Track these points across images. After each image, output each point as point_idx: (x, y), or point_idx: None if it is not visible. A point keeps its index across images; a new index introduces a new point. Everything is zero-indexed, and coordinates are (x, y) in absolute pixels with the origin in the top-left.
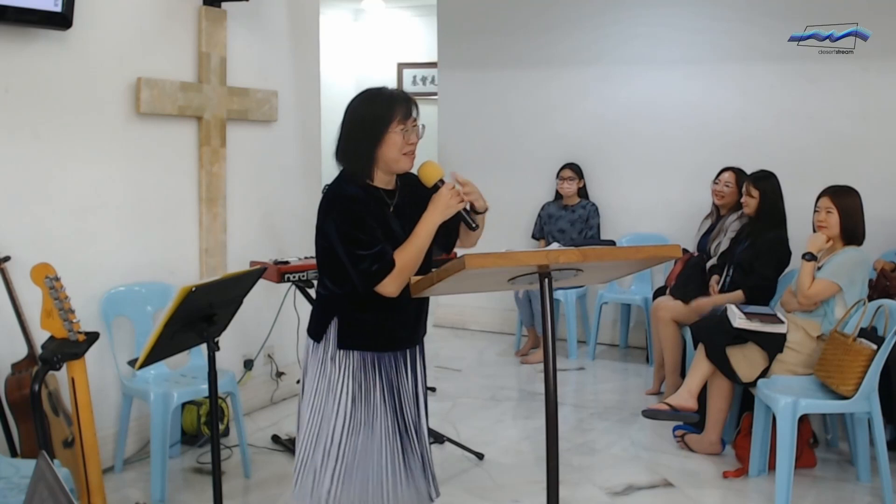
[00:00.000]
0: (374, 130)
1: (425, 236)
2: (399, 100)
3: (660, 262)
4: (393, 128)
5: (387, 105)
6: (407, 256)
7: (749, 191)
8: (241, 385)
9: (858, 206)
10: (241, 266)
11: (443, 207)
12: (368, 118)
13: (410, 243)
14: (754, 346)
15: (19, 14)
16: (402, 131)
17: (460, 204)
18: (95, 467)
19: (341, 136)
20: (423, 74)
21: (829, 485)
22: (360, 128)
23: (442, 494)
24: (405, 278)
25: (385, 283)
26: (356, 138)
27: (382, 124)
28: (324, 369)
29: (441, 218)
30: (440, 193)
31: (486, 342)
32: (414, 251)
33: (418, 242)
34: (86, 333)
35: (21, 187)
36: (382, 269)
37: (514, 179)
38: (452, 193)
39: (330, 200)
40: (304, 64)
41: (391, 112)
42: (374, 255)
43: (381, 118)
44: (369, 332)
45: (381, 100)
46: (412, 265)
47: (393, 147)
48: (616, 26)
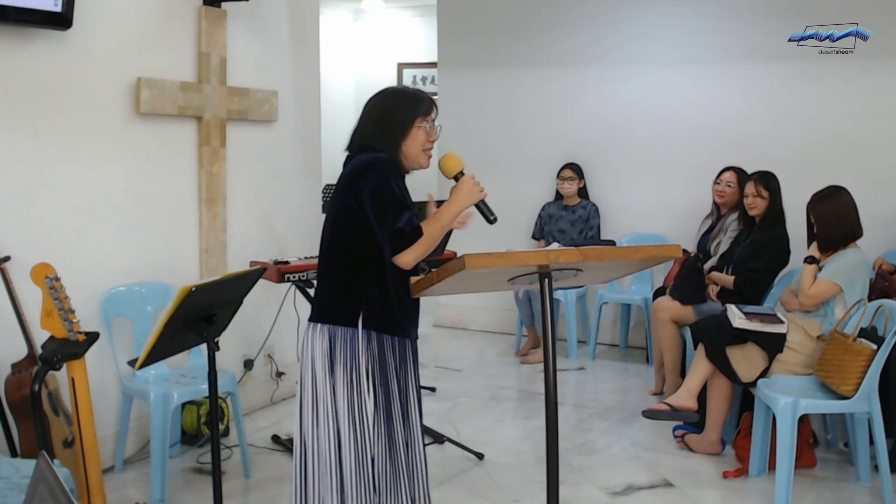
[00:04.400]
0: (401, 123)
1: (448, 219)
2: (423, 97)
3: (660, 262)
4: (418, 122)
5: (412, 100)
6: (433, 230)
7: (759, 191)
8: (241, 385)
9: (838, 209)
10: (241, 266)
11: (465, 195)
12: (396, 111)
13: (436, 219)
14: (754, 346)
15: (19, 14)
16: (426, 127)
17: (481, 194)
18: (95, 467)
19: (365, 128)
20: (423, 74)
21: (829, 485)
22: (387, 120)
23: (442, 494)
24: (425, 251)
25: (410, 250)
26: (383, 130)
27: (409, 118)
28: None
29: (462, 207)
30: (463, 182)
31: (486, 342)
32: (439, 227)
33: (444, 220)
34: (86, 333)
35: (21, 187)
36: (413, 233)
37: (514, 179)
38: (473, 184)
39: (369, 162)
40: (304, 64)
41: (417, 107)
42: (410, 217)
43: (408, 112)
44: (393, 314)
45: (407, 95)
46: (433, 241)
47: (416, 142)
48: (616, 26)
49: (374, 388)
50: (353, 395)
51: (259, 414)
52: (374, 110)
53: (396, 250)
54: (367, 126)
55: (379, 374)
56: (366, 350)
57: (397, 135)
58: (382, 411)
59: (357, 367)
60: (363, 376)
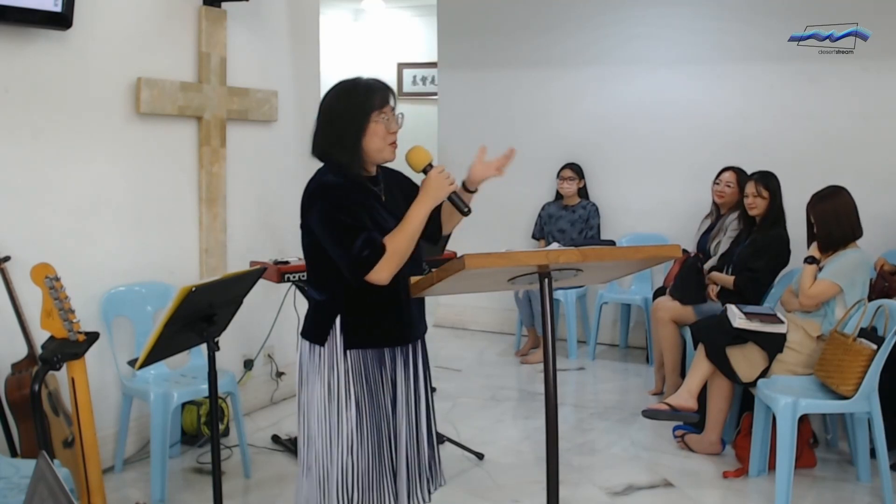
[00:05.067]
0: (356, 121)
1: (418, 221)
2: (376, 88)
3: (659, 262)
4: (374, 117)
5: (365, 94)
6: (399, 241)
7: (759, 191)
8: (241, 385)
9: (838, 209)
10: (241, 266)
11: (434, 191)
12: (349, 109)
13: (402, 228)
14: (754, 346)
15: (19, 14)
16: (384, 120)
17: (451, 187)
18: (95, 467)
19: (320, 131)
20: (423, 74)
21: (829, 485)
22: (341, 120)
23: (442, 494)
24: (397, 264)
25: (377, 270)
26: (339, 131)
27: (363, 114)
28: (328, 373)
29: (433, 202)
30: (430, 177)
31: (486, 342)
32: (406, 236)
33: (410, 227)
34: (86, 333)
35: (21, 187)
36: (373, 254)
37: (514, 179)
38: (442, 177)
39: (311, 192)
40: (304, 64)
41: (370, 101)
42: (364, 241)
43: (362, 108)
44: (374, 329)
45: (359, 90)
46: (404, 251)
47: (375, 137)
48: (616, 26)
49: (356, 404)
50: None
51: (259, 414)
52: (326, 113)
53: (360, 275)
54: (322, 131)
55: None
56: (344, 368)
57: (353, 135)
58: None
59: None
60: (342, 394)
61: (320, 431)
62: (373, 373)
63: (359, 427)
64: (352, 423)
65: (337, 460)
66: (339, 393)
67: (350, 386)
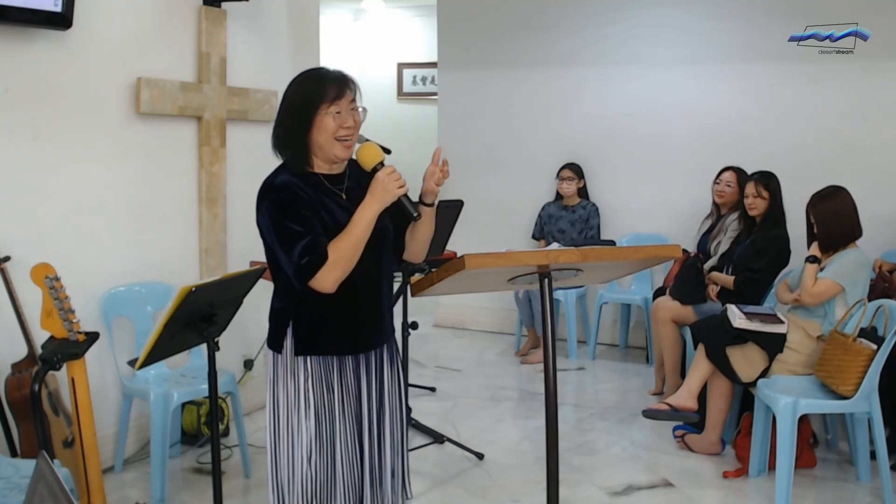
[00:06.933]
0: (303, 114)
1: (363, 226)
2: (330, 79)
3: (659, 262)
4: (323, 109)
5: (316, 85)
6: (342, 248)
7: (759, 192)
8: (241, 385)
9: (838, 209)
10: (241, 266)
11: (381, 193)
12: (298, 101)
13: (346, 233)
14: (754, 346)
15: (20, 14)
16: (335, 114)
17: (400, 189)
18: (95, 467)
19: (276, 123)
20: (423, 74)
21: (829, 485)
22: (290, 112)
23: (442, 494)
24: (342, 272)
25: (319, 278)
26: (288, 123)
27: (312, 106)
28: (286, 381)
29: (380, 205)
30: (377, 178)
31: (486, 342)
32: (350, 242)
33: (355, 232)
34: (86, 333)
35: (21, 187)
36: (314, 261)
37: (514, 179)
38: (391, 178)
39: (260, 193)
40: (304, 64)
41: (321, 92)
42: (305, 247)
43: (311, 100)
44: (327, 335)
45: (312, 80)
46: (349, 257)
47: (324, 132)
48: (616, 26)
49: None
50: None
51: (259, 414)
52: (282, 103)
53: (302, 283)
54: (276, 122)
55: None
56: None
57: (300, 129)
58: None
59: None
60: (301, 402)
61: (279, 440)
62: (334, 381)
63: (318, 436)
64: (311, 433)
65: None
66: (299, 401)
67: (309, 394)
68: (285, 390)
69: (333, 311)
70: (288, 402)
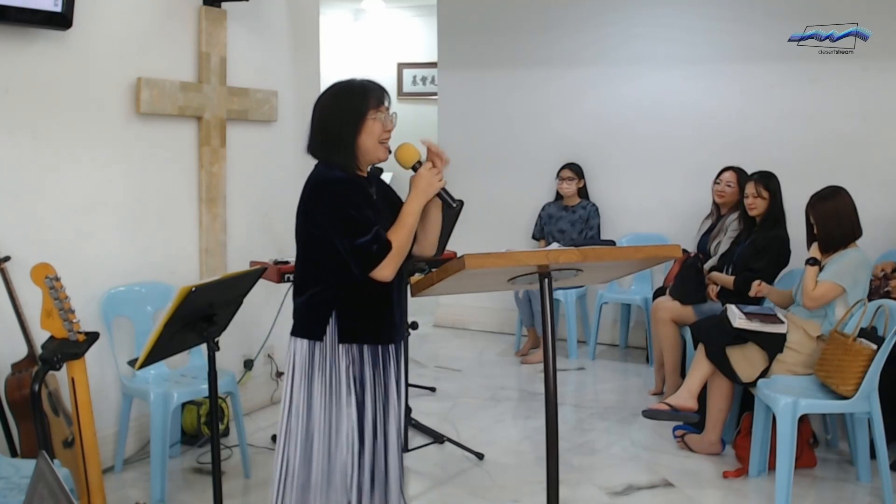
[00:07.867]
0: (353, 120)
1: (413, 217)
2: (371, 88)
3: (659, 262)
4: (371, 115)
5: (361, 93)
6: (401, 238)
7: (759, 192)
8: (241, 385)
9: (838, 209)
10: (241, 266)
11: (425, 186)
12: (346, 108)
13: (401, 225)
14: (754, 346)
15: (20, 14)
16: (380, 118)
17: (440, 182)
18: (95, 467)
19: (317, 130)
20: (423, 74)
21: (829, 485)
22: (338, 119)
23: (442, 494)
24: (399, 261)
25: (383, 266)
26: (336, 129)
27: (360, 113)
28: (324, 369)
29: (424, 198)
30: (420, 174)
31: (486, 342)
32: (406, 232)
33: (408, 223)
34: (86, 333)
35: (21, 187)
36: (381, 249)
37: (514, 179)
38: (432, 173)
39: (318, 186)
40: (304, 64)
41: (366, 100)
42: (374, 236)
43: (358, 107)
44: (368, 324)
45: (355, 89)
46: (405, 247)
47: (371, 135)
48: (616, 26)
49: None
50: (331, 407)
51: (259, 414)
52: (321, 115)
53: (367, 270)
54: (319, 133)
55: (359, 386)
56: (345, 363)
57: (349, 135)
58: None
59: (338, 380)
60: (343, 389)
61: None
62: (368, 371)
63: (359, 423)
64: (353, 420)
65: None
66: (341, 388)
67: (351, 381)
68: (323, 378)
69: (372, 301)
70: (328, 390)
